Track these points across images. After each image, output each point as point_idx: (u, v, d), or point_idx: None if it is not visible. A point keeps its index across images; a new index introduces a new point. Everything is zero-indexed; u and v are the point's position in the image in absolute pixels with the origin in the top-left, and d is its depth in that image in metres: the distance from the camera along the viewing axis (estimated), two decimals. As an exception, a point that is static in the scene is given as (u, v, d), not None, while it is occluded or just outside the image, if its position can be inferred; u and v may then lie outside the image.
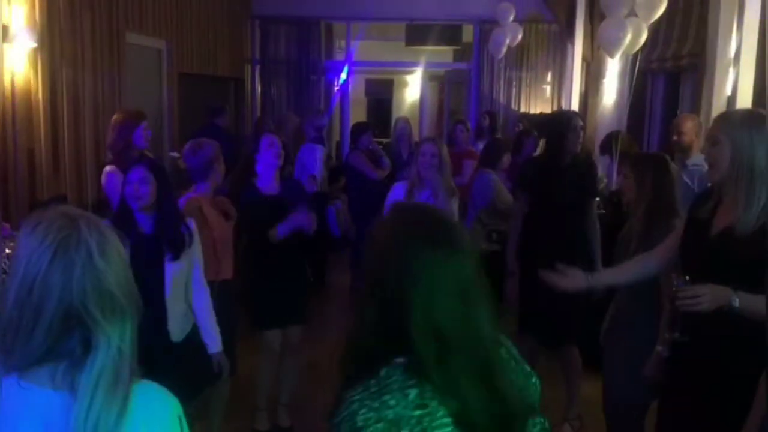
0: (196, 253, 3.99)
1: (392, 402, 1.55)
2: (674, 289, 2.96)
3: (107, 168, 5.45)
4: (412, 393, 1.56)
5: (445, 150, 5.24)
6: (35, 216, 1.67)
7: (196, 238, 3.99)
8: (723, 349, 3.00)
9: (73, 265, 1.59)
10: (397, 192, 5.29)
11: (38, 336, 1.58)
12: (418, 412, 1.54)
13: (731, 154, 2.96)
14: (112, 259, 1.65)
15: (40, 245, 1.60)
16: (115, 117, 5.58)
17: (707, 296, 2.85)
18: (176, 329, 3.92)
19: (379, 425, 1.53)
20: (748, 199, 2.94)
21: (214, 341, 4.05)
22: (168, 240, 3.80)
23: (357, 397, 1.58)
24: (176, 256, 3.82)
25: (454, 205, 5.21)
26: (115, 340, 1.59)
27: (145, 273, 3.65)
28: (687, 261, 3.25)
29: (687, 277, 2.96)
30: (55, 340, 1.59)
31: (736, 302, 2.82)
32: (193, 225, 3.99)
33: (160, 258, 3.78)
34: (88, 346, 1.59)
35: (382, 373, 1.59)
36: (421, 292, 1.57)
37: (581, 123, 5.41)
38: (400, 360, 1.60)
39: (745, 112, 3.40)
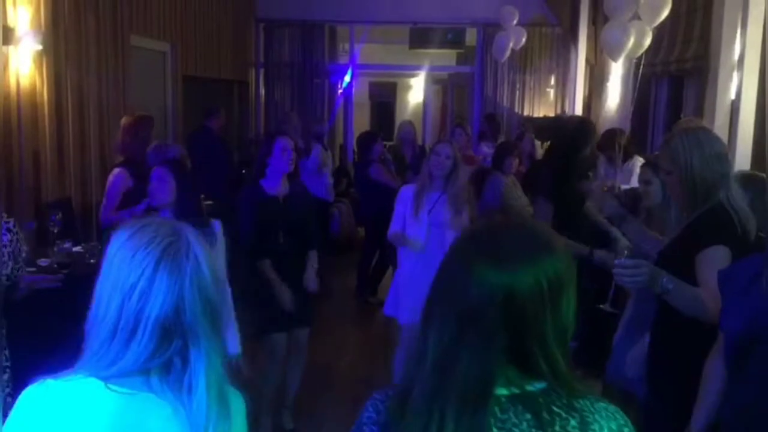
0: (217, 253, 3.95)
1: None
2: (616, 260, 2.96)
3: (116, 169, 5.49)
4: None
5: (458, 154, 5.23)
6: (131, 222, 1.66)
7: (220, 239, 4.01)
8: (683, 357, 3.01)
9: (181, 272, 1.58)
10: (405, 194, 5.24)
11: (137, 344, 1.56)
12: None
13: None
14: (212, 271, 1.64)
15: (143, 250, 1.58)
16: (124, 120, 5.62)
17: (645, 268, 2.86)
18: None
19: None
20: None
21: (231, 342, 4.02)
22: None
23: (378, 397, 1.59)
24: None
25: (465, 213, 5.12)
26: (218, 349, 1.61)
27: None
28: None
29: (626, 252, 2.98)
30: (154, 348, 1.57)
31: (671, 285, 2.84)
32: (218, 227, 4.02)
33: None
34: (186, 355, 1.58)
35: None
36: None
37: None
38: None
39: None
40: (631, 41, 7.85)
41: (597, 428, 1.44)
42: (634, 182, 6.93)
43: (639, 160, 7.16)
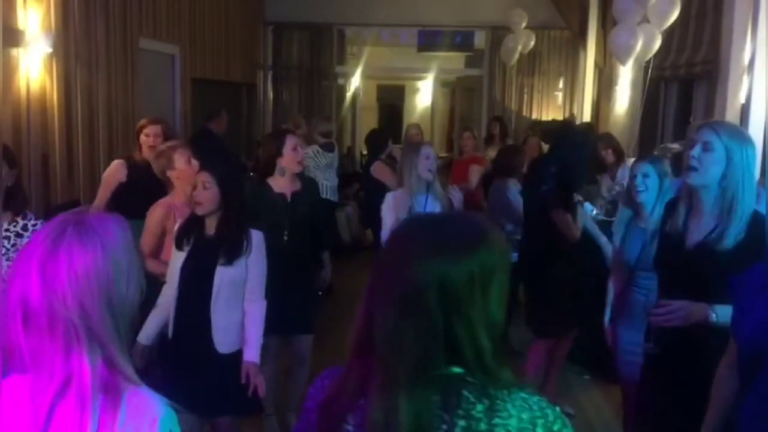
0: (255, 262, 3.95)
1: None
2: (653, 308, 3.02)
3: (115, 161, 5.59)
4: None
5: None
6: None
7: (257, 246, 3.96)
8: (699, 362, 2.99)
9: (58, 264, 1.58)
10: (393, 201, 5.20)
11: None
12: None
13: (726, 165, 2.97)
14: (111, 266, 1.63)
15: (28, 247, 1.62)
16: (141, 123, 5.73)
17: (681, 312, 2.91)
18: (222, 339, 3.89)
19: None
20: (735, 214, 2.96)
21: (251, 351, 3.93)
22: (224, 244, 3.84)
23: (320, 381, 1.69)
24: (228, 262, 3.82)
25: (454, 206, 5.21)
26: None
27: (198, 275, 3.83)
28: (663, 275, 3.31)
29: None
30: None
31: (714, 317, 2.86)
32: (258, 236, 3.98)
33: (214, 262, 3.82)
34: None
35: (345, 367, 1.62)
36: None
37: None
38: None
39: (739, 127, 3.46)
40: (640, 45, 7.85)
41: (505, 416, 1.48)
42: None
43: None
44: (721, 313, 2.82)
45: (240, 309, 3.95)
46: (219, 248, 3.83)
